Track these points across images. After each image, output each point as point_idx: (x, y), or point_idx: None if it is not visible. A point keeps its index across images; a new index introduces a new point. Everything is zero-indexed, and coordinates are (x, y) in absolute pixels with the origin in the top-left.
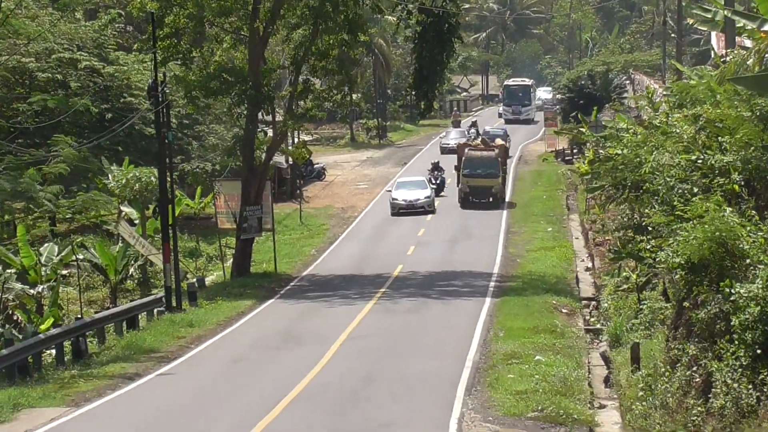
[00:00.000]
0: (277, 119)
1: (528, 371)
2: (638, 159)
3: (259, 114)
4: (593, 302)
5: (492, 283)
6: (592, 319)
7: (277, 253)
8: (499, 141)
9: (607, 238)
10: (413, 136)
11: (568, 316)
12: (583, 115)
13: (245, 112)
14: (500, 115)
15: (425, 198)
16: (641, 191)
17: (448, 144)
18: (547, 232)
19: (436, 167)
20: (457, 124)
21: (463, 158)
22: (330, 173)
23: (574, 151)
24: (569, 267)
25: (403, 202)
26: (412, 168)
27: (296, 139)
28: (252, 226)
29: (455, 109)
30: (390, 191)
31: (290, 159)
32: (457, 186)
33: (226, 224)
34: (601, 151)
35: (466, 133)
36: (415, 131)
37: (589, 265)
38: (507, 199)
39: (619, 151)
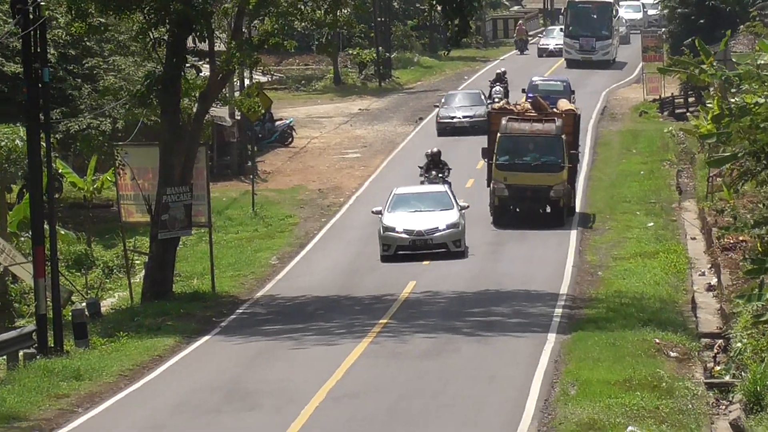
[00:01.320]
0: (217, 49)
1: None
2: None
3: (189, 40)
4: (719, 341)
5: (558, 311)
6: (718, 368)
7: (217, 263)
8: (563, 104)
9: (741, 238)
10: (434, 75)
11: (680, 362)
12: (705, 42)
13: (166, 38)
14: (550, 53)
15: (448, 227)
16: None
17: (453, 118)
18: (647, 229)
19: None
20: (522, 46)
21: (499, 135)
22: (301, 134)
23: (691, 100)
24: (681, 285)
25: (405, 236)
26: (429, 126)
27: (248, 82)
28: (176, 218)
29: (520, 22)
30: (379, 215)
31: (238, 113)
32: (488, 187)
33: (134, 215)
34: (732, 100)
35: (487, 94)
36: (437, 67)
37: (714, 281)
38: (578, 208)
39: (762, 100)
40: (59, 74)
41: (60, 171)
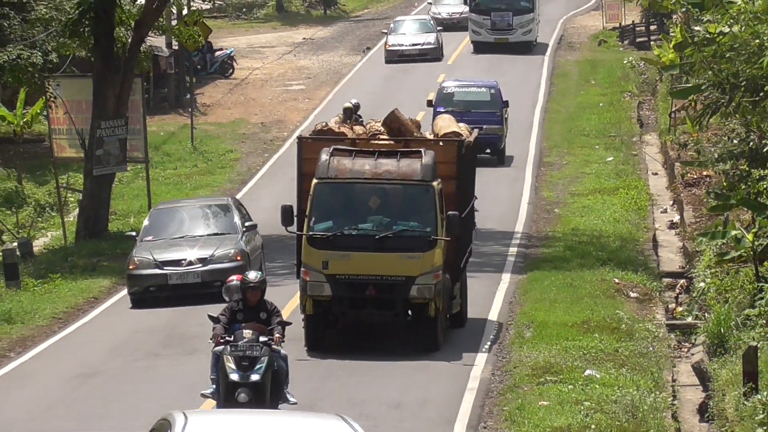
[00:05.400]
0: None
1: (572, 395)
2: (758, 41)
3: None
4: (682, 281)
5: (513, 250)
6: (680, 309)
7: (154, 200)
8: (444, 123)
9: (705, 173)
10: (381, 2)
11: (640, 303)
12: None
13: None
14: (403, 56)
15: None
16: (762, 95)
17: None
18: (606, 164)
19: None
20: None
21: (315, 182)
22: (242, 65)
23: (652, 28)
24: (642, 222)
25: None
26: (377, 57)
27: (186, 10)
28: (111, 153)
29: None
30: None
31: (176, 42)
32: (297, 279)
33: (67, 151)
34: (696, 28)
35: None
36: None
37: (676, 218)
38: (533, 145)
39: (727, 29)
40: None
41: None
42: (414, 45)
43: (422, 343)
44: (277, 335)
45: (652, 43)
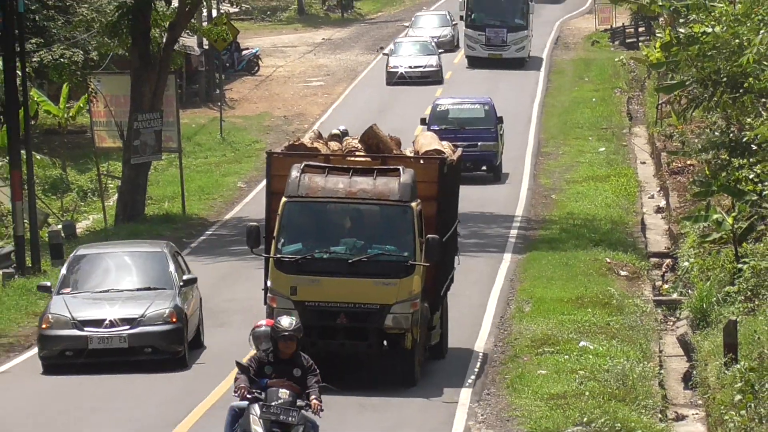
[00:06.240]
0: None
1: (568, 365)
2: (738, 41)
3: None
4: (667, 260)
5: (513, 231)
6: (666, 286)
7: (186, 186)
8: (425, 140)
9: (689, 162)
10: (394, 5)
11: (630, 281)
12: None
13: None
14: (402, 78)
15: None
16: (742, 90)
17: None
18: (599, 154)
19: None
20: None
21: (284, 201)
22: (267, 63)
23: (641, 30)
24: (631, 207)
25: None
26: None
27: (215, 13)
28: (147, 144)
29: None
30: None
31: (206, 42)
32: (264, 305)
33: (107, 141)
34: (681, 30)
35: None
36: None
37: (662, 203)
38: (532, 138)
39: (709, 29)
40: (33, 7)
41: (35, 99)
42: (415, 67)
43: (398, 377)
44: (315, 401)
45: (640, 43)
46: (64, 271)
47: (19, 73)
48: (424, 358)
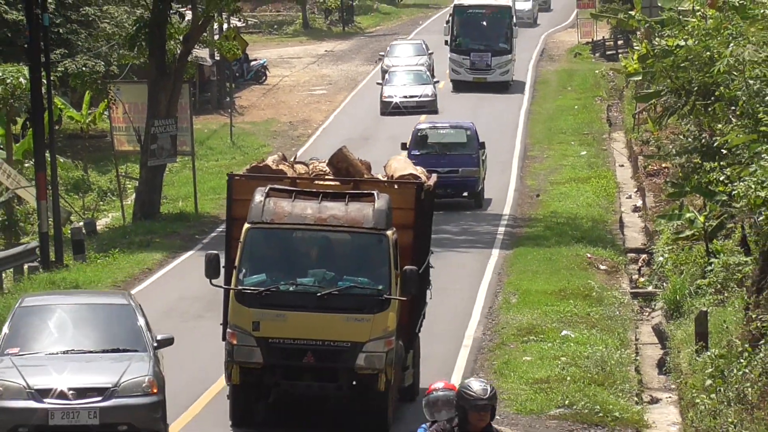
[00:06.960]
0: None
1: (551, 352)
2: (709, 53)
3: None
4: (643, 255)
5: (501, 229)
6: (642, 279)
7: (199, 187)
8: (398, 164)
9: (664, 165)
10: (391, 21)
11: (609, 274)
12: None
13: None
14: (397, 108)
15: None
16: (713, 99)
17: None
18: (581, 157)
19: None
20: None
21: (246, 227)
22: (274, 73)
23: (620, 43)
24: (610, 206)
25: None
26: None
27: (226, 26)
28: (163, 147)
29: None
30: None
31: (217, 54)
32: (222, 341)
33: (126, 145)
34: (656, 42)
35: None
36: (394, 14)
37: (639, 203)
38: (518, 142)
39: (683, 43)
40: (58, 21)
41: (59, 106)
42: (410, 97)
43: (369, 422)
44: None
45: (619, 55)
46: (6, 328)
47: (44, 81)
48: (396, 400)
